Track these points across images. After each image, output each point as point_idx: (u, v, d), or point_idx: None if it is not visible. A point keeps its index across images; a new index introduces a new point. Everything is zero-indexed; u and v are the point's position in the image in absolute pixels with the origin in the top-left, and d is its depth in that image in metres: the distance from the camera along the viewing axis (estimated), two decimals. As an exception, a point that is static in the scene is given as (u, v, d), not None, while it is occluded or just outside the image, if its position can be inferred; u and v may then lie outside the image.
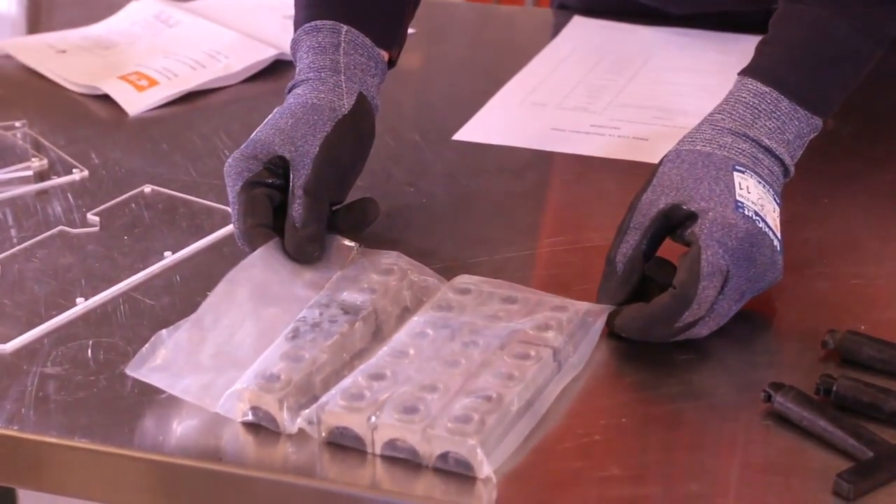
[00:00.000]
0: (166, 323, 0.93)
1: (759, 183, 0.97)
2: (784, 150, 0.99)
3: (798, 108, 1.00)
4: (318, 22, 1.10)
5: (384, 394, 0.86)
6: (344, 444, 0.85)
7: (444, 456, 0.83)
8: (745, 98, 1.00)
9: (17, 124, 1.25)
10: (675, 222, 0.96)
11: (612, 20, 1.45)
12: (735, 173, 0.96)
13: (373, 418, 0.84)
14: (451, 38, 1.48)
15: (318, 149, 1.02)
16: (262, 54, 1.39)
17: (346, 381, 0.87)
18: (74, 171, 1.18)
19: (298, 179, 1.01)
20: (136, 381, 0.90)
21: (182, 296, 1.00)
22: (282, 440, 0.86)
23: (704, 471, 0.83)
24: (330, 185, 1.02)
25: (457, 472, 0.82)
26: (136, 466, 0.86)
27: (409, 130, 1.25)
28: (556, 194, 1.16)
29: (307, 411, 0.86)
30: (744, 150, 0.98)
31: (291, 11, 1.50)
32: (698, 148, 0.98)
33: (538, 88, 1.33)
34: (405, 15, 1.13)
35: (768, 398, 0.86)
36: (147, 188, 1.14)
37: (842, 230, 1.08)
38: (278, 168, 1.02)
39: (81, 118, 1.20)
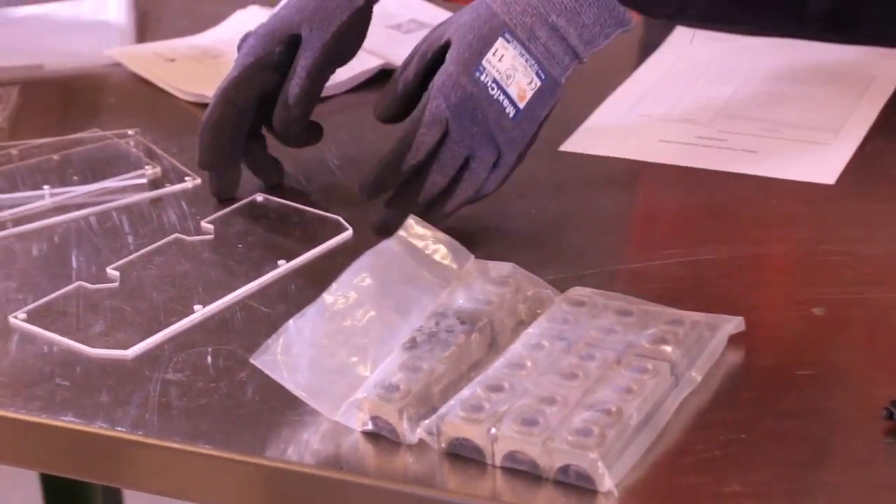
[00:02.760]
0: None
1: (522, 55, 1.05)
2: (574, 32, 1.06)
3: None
4: None
5: (503, 405, 0.86)
6: (463, 455, 0.86)
7: (564, 469, 0.83)
8: None
9: (130, 132, 1.27)
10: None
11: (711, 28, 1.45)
12: (500, 40, 1.05)
13: (493, 430, 0.85)
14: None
15: (330, 35, 1.10)
16: (368, 64, 1.40)
17: (465, 393, 0.88)
18: (187, 178, 1.20)
19: (304, 60, 1.09)
20: (256, 389, 0.92)
21: (298, 304, 1.01)
22: (401, 450, 0.87)
23: (826, 488, 0.83)
24: (330, 72, 1.12)
25: (577, 486, 0.83)
26: (258, 473, 0.87)
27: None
28: (665, 206, 1.16)
29: (427, 422, 0.87)
30: (524, 23, 1.05)
31: (395, 21, 1.52)
32: (492, 6, 1.06)
33: (643, 99, 1.33)
34: None
35: (890, 416, 0.86)
36: (259, 197, 1.15)
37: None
38: (290, 48, 1.11)
39: (192, 126, 1.21)
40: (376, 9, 1.50)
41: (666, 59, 1.41)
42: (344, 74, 1.38)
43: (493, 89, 1.05)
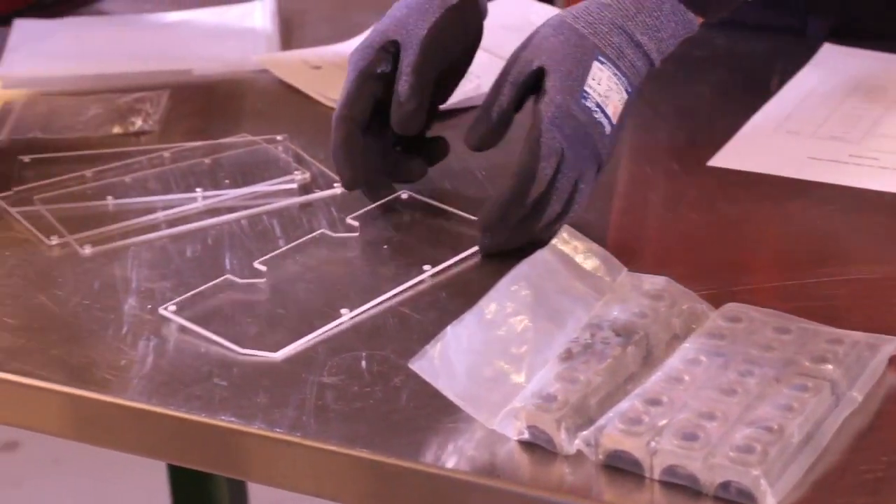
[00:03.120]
0: (434, 336, 0.94)
1: (615, 75, 1.07)
2: (654, 47, 1.09)
3: (679, 7, 1.08)
4: None
5: (662, 419, 0.86)
6: (620, 468, 0.86)
7: (725, 485, 0.82)
8: None
9: (279, 138, 1.28)
10: (540, 85, 1.07)
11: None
12: (595, 63, 1.06)
13: (652, 443, 0.84)
14: (701, 64, 1.47)
15: (426, 31, 1.13)
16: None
17: (624, 405, 0.88)
18: (336, 185, 1.20)
19: (406, 59, 1.11)
20: (411, 394, 0.92)
21: (449, 312, 1.01)
22: (557, 460, 0.87)
23: None
24: (434, 67, 1.13)
25: (737, 502, 0.82)
26: (414, 479, 0.87)
27: (664, 157, 1.25)
28: (818, 224, 1.15)
29: (585, 433, 0.86)
30: (612, 43, 1.07)
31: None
32: (577, 27, 1.08)
33: (791, 117, 1.32)
34: None
35: None
36: (404, 194, 1.16)
37: None
38: (391, 55, 1.13)
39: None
40: (522, 20, 1.52)
41: (813, 78, 1.40)
42: (489, 85, 1.38)
43: (596, 113, 1.07)
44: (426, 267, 1.07)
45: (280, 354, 0.97)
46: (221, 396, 0.93)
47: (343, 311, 1.01)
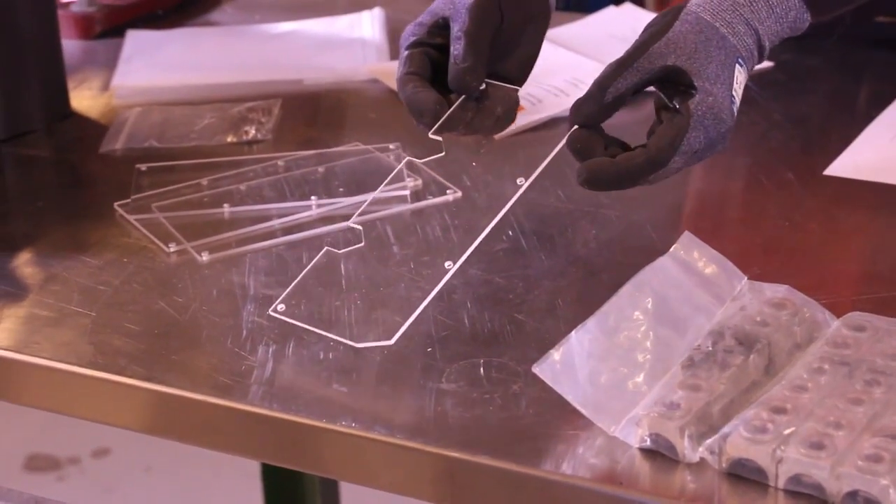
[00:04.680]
0: (552, 345, 0.94)
1: (745, 74, 1.06)
2: (774, 46, 1.07)
3: (804, 11, 1.06)
4: None
5: (788, 428, 0.85)
6: (743, 476, 0.85)
7: (852, 494, 0.81)
8: None
9: (391, 146, 1.29)
10: (673, 83, 1.04)
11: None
12: (737, 66, 1.05)
13: (778, 451, 0.83)
14: (814, 72, 1.46)
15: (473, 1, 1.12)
16: (624, 84, 1.39)
17: (748, 413, 0.87)
18: (448, 192, 1.21)
19: (457, 27, 1.11)
20: (530, 401, 0.92)
21: (565, 320, 1.01)
22: (679, 468, 0.86)
23: None
24: (486, 28, 1.12)
25: (866, 512, 0.81)
26: (536, 486, 0.87)
27: (779, 166, 1.24)
28: (938, 234, 1.13)
29: (709, 441, 0.86)
30: (748, 45, 1.05)
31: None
32: (717, 25, 1.05)
33: (907, 126, 1.30)
34: None
35: None
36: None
37: None
38: (443, 30, 1.13)
39: (450, 141, 1.22)
40: (628, 30, 1.51)
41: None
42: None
43: (735, 114, 1.05)
44: (520, 179, 1.05)
45: (394, 340, 0.97)
46: (341, 402, 0.93)
47: (447, 263, 1.01)
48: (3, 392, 1.03)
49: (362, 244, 1.08)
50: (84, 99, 1.44)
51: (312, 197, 1.20)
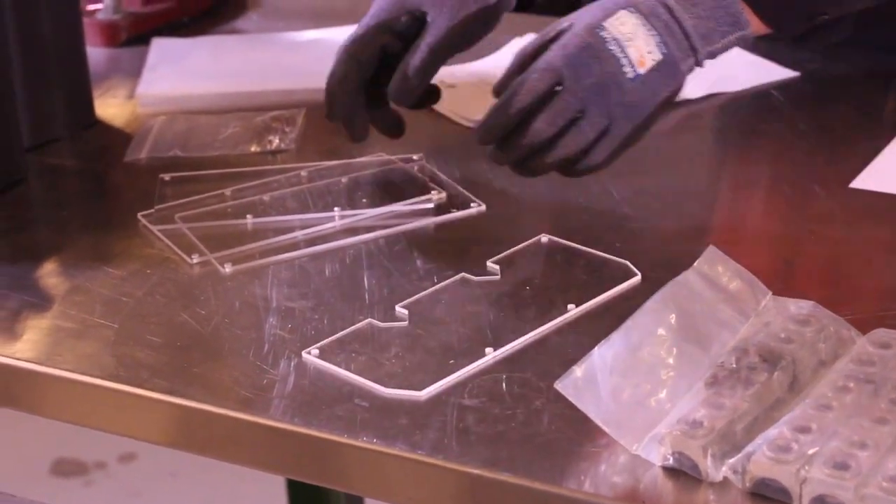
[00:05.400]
0: (576, 360, 0.93)
1: (644, 25, 1.07)
2: (689, 18, 1.08)
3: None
4: None
5: (812, 447, 0.84)
6: (767, 496, 0.84)
7: (877, 516, 0.81)
8: None
9: (415, 157, 1.28)
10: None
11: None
12: (623, 10, 1.07)
13: (802, 472, 0.83)
14: (840, 82, 1.45)
15: (459, 20, 1.16)
16: (649, 94, 1.39)
17: (772, 432, 0.86)
18: (472, 205, 1.20)
19: (430, 38, 1.14)
20: (552, 417, 0.92)
21: (589, 340, 1.00)
22: (702, 487, 0.86)
23: None
24: (451, 54, 1.18)
25: (890, 534, 0.80)
26: (560, 503, 0.86)
27: (804, 178, 1.23)
28: (966, 248, 1.12)
29: (733, 460, 0.85)
30: (647, 2, 1.08)
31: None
32: None
33: (935, 137, 1.29)
34: None
35: None
36: (544, 238, 1.14)
37: None
38: (416, 20, 1.16)
39: (475, 153, 1.22)
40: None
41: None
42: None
43: (611, 45, 1.07)
44: (570, 306, 1.04)
45: (424, 394, 0.95)
46: (363, 417, 0.93)
47: (487, 350, 0.99)
48: (27, 404, 1.03)
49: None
50: (109, 107, 1.44)
51: (335, 208, 1.20)
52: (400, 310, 1.05)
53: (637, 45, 1.07)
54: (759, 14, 1.10)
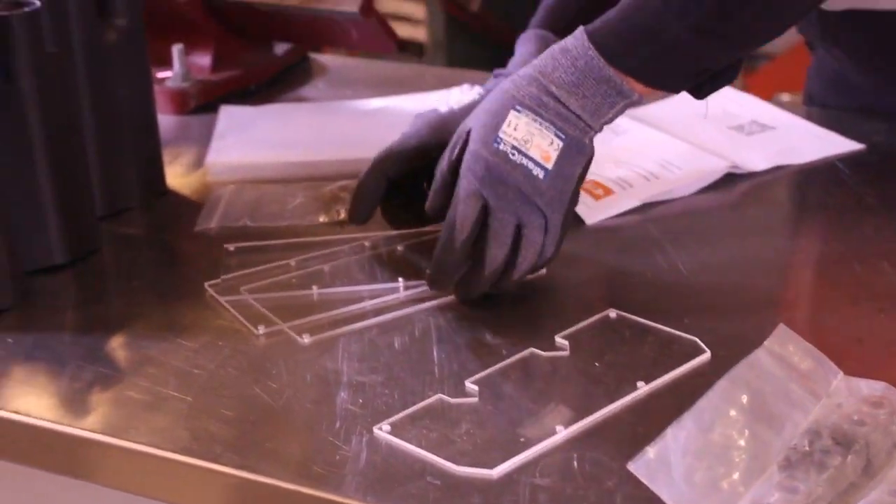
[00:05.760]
0: (646, 439, 0.94)
1: (535, 121, 1.11)
2: (575, 101, 1.12)
3: (598, 68, 1.11)
4: (540, 31, 1.32)
5: (888, 534, 0.84)
6: (842, 582, 0.84)
7: None
8: (555, 50, 1.13)
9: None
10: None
11: None
12: (511, 112, 1.12)
13: (877, 559, 0.83)
14: None
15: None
16: (714, 166, 1.40)
17: (846, 518, 0.86)
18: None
19: (453, 154, 1.16)
20: (624, 498, 0.91)
21: (659, 424, 1.00)
22: (776, 572, 0.86)
23: None
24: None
25: None
26: (632, 587, 0.87)
27: (872, 254, 1.23)
28: None
29: (807, 546, 0.85)
30: (531, 93, 1.13)
31: (737, 122, 1.51)
32: (504, 86, 1.15)
33: None
34: None
35: None
36: (612, 313, 1.15)
37: None
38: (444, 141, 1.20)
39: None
40: (718, 110, 1.52)
41: None
42: (691, 176, 1.38)
43: (513, 155, 1.12)
44: (640, 384, 1.05)
45: (496, 472, 0.95)
46: (435, 496, 0.93)
47: (558, 428, 1.00)
48: (99, 476, 1.04)
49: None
50: (178, 176, 1.46)
51: (399, 279, 1.21)
52: (470, 385, 1.05)
53: (536, 143, 1.12)
54: (642, 82, 1.13)
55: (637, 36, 1.11)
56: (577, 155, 1.13)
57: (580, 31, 1.13)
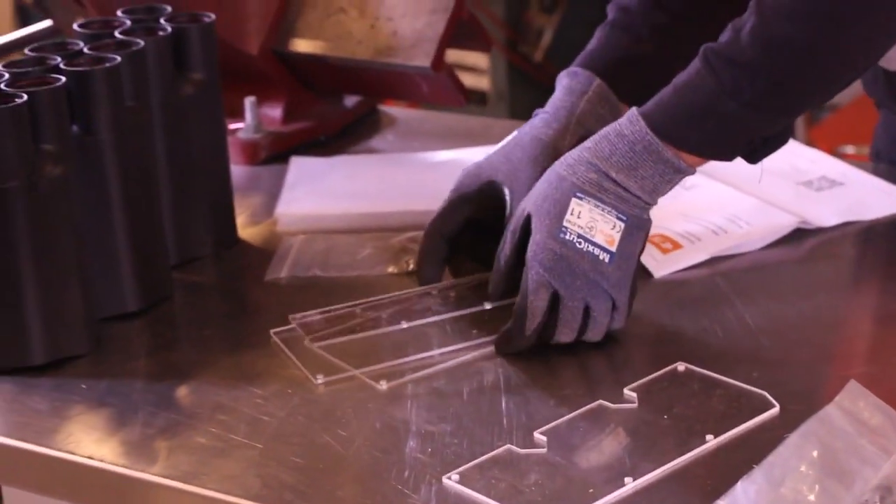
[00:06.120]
0: (715, 493, 0.93)
1: (597, 207, 1.15)
2: (634, 183, 1.15)
3: (656, 150, 1.14)
4: (579, 69, 1.31)
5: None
6: None
7: None
8: (610, 134, 1.16)
9: (550, 280, 1.30)
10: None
11: None
12: (573, 199, 1.15)
13: None
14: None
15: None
16: (783, 221, 1.39)
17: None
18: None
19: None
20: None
21: (727, 466, 1.00)
22: None
23: None
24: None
25: None
26: None
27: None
28: None
29: None
30: (590, 180, 1.15)
31: (806, 178, 1.51)
32: (559, 170, 1.17)
33: None
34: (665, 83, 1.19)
35: None
36: (681, 366, 1.15)
37: None
38: (493, 188, 1.25)
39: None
40: (787, 165, 1.52)
41: None
42: (759, 231, 1.38)
43: (580, 244, 1.15)
44: (708, 437, 1.05)
45: None
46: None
47: (627, 479, 1.00)
48: (171, 521, 1.06)
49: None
50: (249, 225, 1.48)
51: (474, 330, 1.21)
52: (538, 436, 1.06)
53: (600, 228, 1.15)
54: (697, 155, 1.16)
55: (694, 116, 1.14)
56: (638, 232, 1.16)
57: (635, 116, 1.15)
